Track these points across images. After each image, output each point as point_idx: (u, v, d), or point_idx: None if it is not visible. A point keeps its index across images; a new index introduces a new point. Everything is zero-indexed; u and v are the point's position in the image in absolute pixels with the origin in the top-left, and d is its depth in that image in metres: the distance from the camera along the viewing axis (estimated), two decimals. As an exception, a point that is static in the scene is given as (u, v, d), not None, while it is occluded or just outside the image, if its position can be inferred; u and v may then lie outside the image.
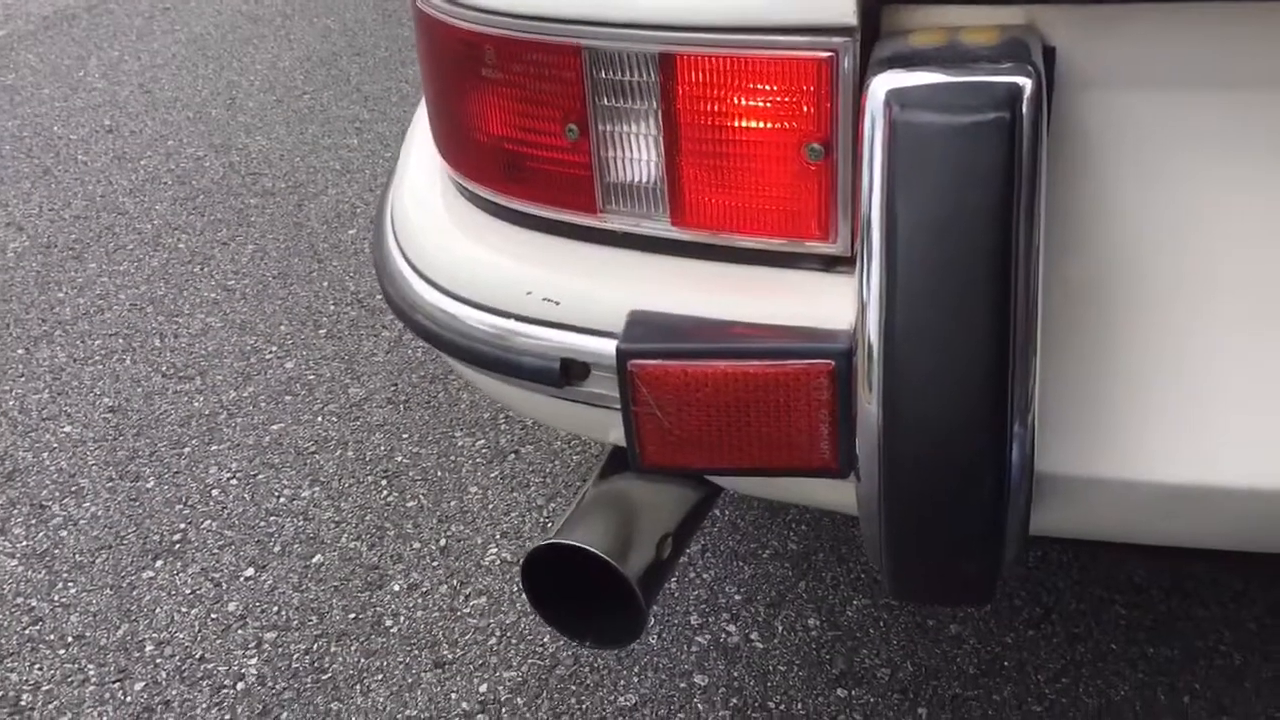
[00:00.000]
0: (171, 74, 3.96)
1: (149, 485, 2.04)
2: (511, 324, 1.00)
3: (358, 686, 1.63)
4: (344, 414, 2.20)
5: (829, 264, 0.94)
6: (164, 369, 2.36)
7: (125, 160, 3.32)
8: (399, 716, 1.58)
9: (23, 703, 1.63)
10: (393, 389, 2.26)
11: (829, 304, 0.93)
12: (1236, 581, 1.71)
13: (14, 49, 4.25)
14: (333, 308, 2.55)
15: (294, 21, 4.41)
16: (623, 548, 1.02)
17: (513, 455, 2.05)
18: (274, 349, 2.41)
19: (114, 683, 1.65)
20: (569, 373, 0.98)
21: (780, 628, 1.69)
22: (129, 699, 1.62)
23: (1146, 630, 1.65)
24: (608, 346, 0.93)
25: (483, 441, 2.09)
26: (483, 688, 1.62)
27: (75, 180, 3.21)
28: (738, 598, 1.74)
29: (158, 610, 1.77)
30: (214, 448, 2.12)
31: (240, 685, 1.64)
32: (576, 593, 1.07)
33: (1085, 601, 1.70)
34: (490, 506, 1.95)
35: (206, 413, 2.22)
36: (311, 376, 2.31)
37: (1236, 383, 0.89)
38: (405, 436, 2.12)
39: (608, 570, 1.00)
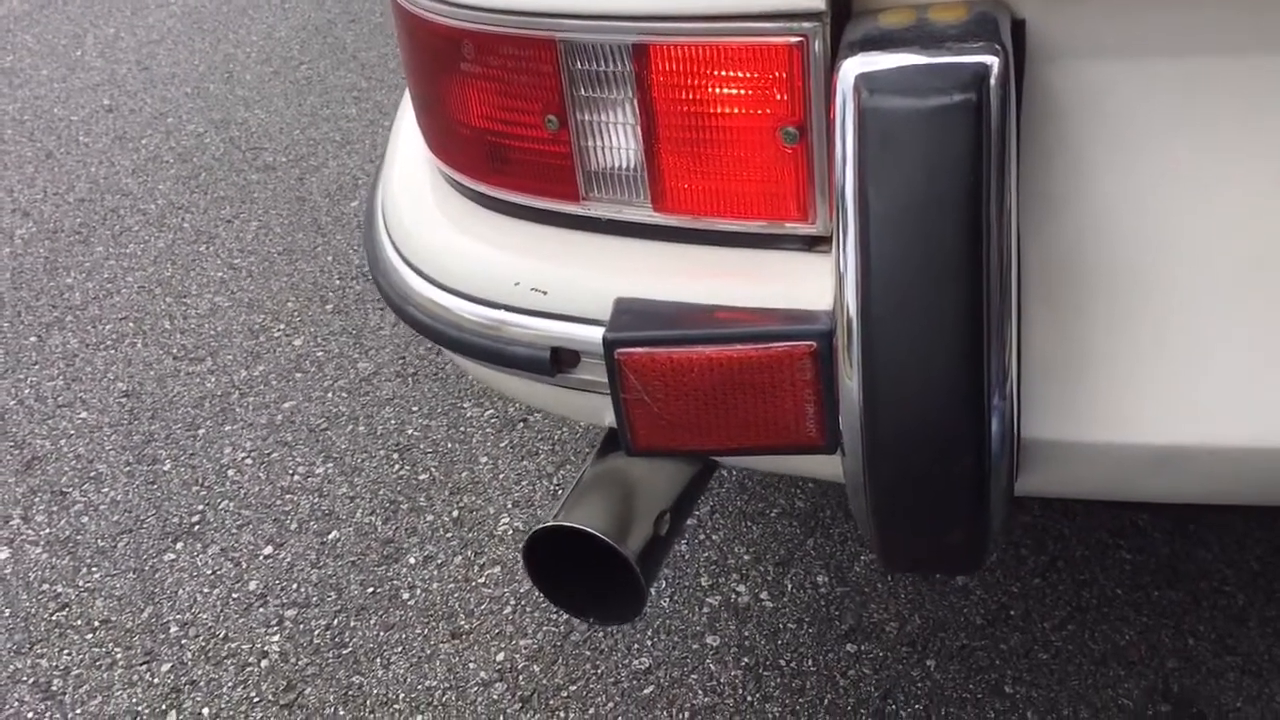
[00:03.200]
0: (168, 49, 3.96)
1: (166, 468, 2.07)
2: (502, 314, 1.02)
3: (378, 659, 1.67)
4: (354, 389, 2.22)
5: (810, 244, 0.96)
6: (175, 351, 2.39)
7: (126, 140, 3.33)
8: (419, 687, 1.62)
9: (54, 688, 1.67)
10: (400, 362, 2.28)
11: (812, 282, 0.94)
12: (1238, 522, 1.73)
13: (10, 30, 4.25)
14: (338, 282, 2.57)
15: (288, -10, 4.39)
16: (622, 526, 1.04)
17: (521, 424, 2.08)
18: (282, 326, 2.44)
19: (141, 665, 1.70)
20: (559, 361, 1.00)
21: (789, 586, 1.72)
22: (157, 680, 1.67)
23: (1151, 574, 1.67)
24: (596, 334, 0.94)
25: (491, 412, 2.12)
26: (500, 656, 1.65)
27: (78, 163, 3.23)
28: (747, 557, 1.77)
29: (180, 592, 1.81)
30: (228, 428, 2.15)
31: (264, 663, 1.68)
32: (578, 570, 1.09)
33: (1090, 548, 1.72)
34: (501, 476, 1.97)
35: (219, 393, 2.25)
36: (320, 353, 2.34)
37: (1213, 346, 0.90)
38: (414, 410, 2.15)
39: (608, 549, 1.03)
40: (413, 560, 1.83)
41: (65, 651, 1.73)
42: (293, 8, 4.20)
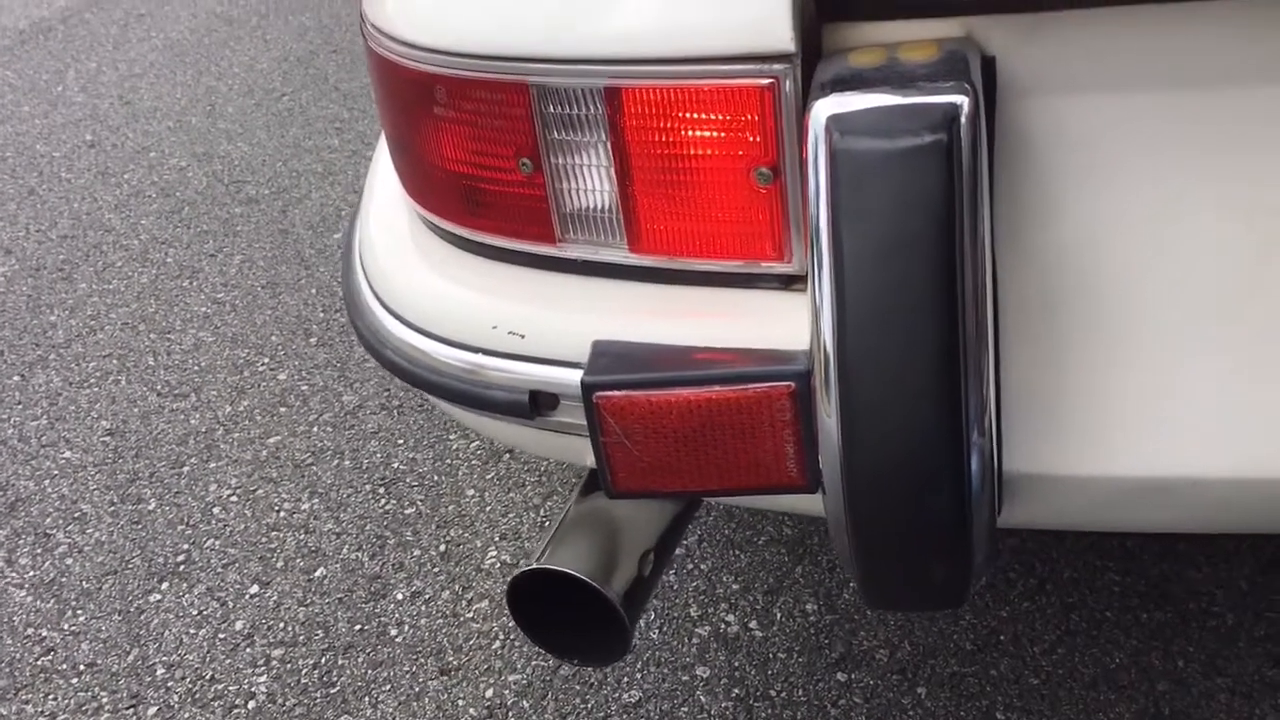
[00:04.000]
0: (150, 83, 3.96)
1: (151, 507, 2.06)
2: (480, 358, 1.02)
3: (366, 698, 1.66)
4: (339, 423, 2.22)
5: (786, 282, 0.96)
6: (159, 388, 2.38)
7: (109, 175, 3.33)
8: (408, 726, 1.61)
9: (39, 734, 1.66)
10: (385, 394, 2.27)
11: (789, 321, 0.94)
12: (1227, 541, 1.73)
13: (-8, 66, 4.25)
14: (322, 314, 2.57)
15: (270, 21, 4.39)
16: (605, 567, 1.04)
17: (507, 456, 2.07)
18: (266, 360, 2.43)
19: (127, 709, 1.68)
20: (538, 404, 1.00)
21: (779, 614, 1.71)
22: (143, 724, 1.66)
23: (1140, 595, 1.67)
24: (575, 377, 0.94)
25: (477, 444, 2.11)
26: (489, 692, 1.64)
27: (60, 199, 3.22)
28: (735, 587, 1.76)
29: (166, 633, 1.80)
30: (212, 465, 2.15)
31: (251, 704, 1.67)
32: (563, 612, 1.09)
33: (1079, 570, 1.72)
34: (488, 509, 1.97)
35: (203, 430, 2.24)
36: (305, 387, 2.33)
37: (1192, 376, 0.91)
38: (400, 442, 2.14)
39: (592, 591, 1.02)
40: (400, 596, 1.82)
41: (51, 697, 1.71)
42: (274, 39, 4.21)
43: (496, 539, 1.91)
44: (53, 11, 4.74)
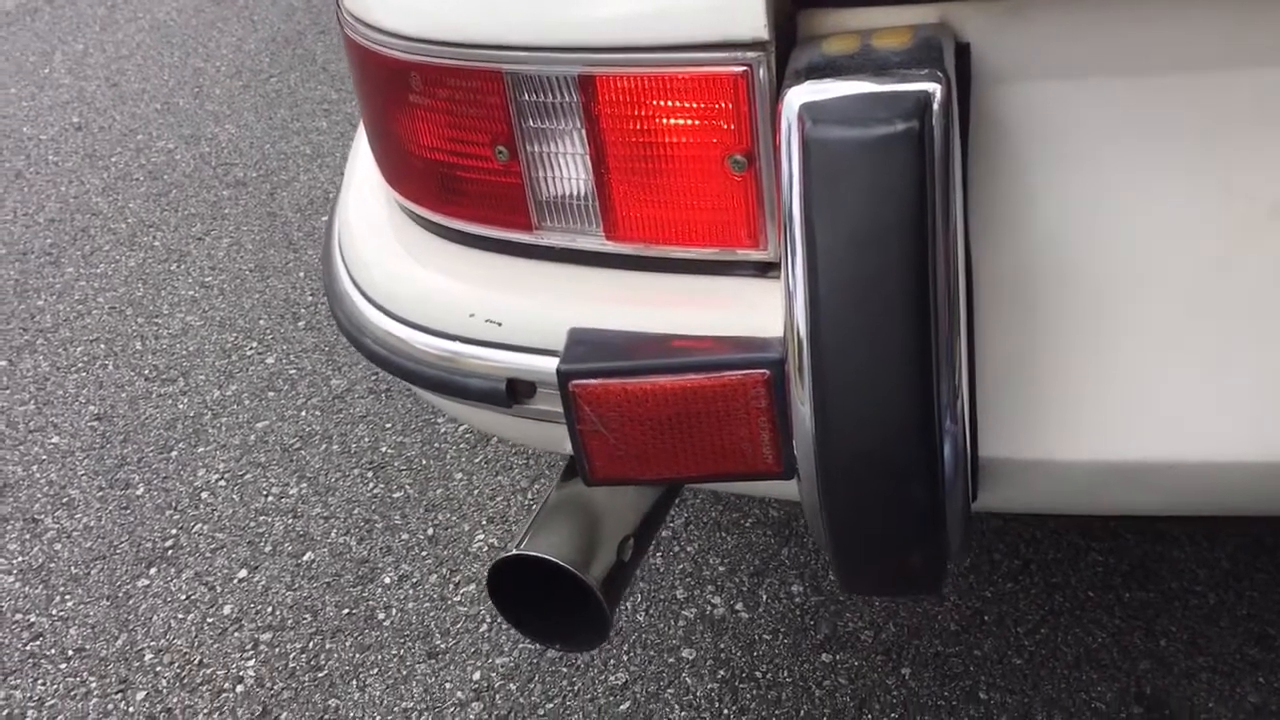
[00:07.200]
0: (137, 64, 3.94)
1: (139, 492, 2.06)
2: (457, 346, 1.02)
3: (354, 682, 1.66)
4: (327, 407, 2.22)
5: (762, 269, 0.96)
6: (147, 372, 2.38)
7: (96, 158, 3.31)
8: (396, 709, 1.62)
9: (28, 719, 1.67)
10: (374, 378, 2.27)
11: (766, 308, 0.94)
12: (1210, 520, 1.74)
13: (-22, 49, 4.23)
14: (310, 298, 2.56)
15: (257, 1, 4.37)
16: (585, 553, 1.04)
17: (495, 439, 2.07)
18: (254, 344, 2.43)
19: (116, 694, 1.69)
20: (516, 392, 1.00)
21: (764, 596, 1.72)
22: (132, 709, 1.66)
23: (1122, 575, 1.68)
24: (551, 365, 0.94)
25: (465, 427, 2.11)
26: (476, 675, 1.65)
27: (47, 182, 3.21)
28: (721, 569, 1.77)
29: (154, 618, 1.80)
30: (200, 449, 2.15)
31: (239, 688, 1.67)
32: (544, 598, 1.09)
33: (1062, 550, 1.73)
34: (476, 492, 1.97)
35: (191, 414, 2.24)
36: (293, 370, 2.33)
37: (1166, 361, 0.91)
38: (388, 426, 2.14)
39: (571, 578, 1.03)
40: (388, 580, 1.83)
41: (39, 682, 1.72)
42: (262, 19, 4.18)
43: (484, 522, 1.91)
44: (39, -8, 4.71)
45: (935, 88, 0.80)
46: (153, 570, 1.90)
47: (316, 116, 3.40)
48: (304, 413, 2.21)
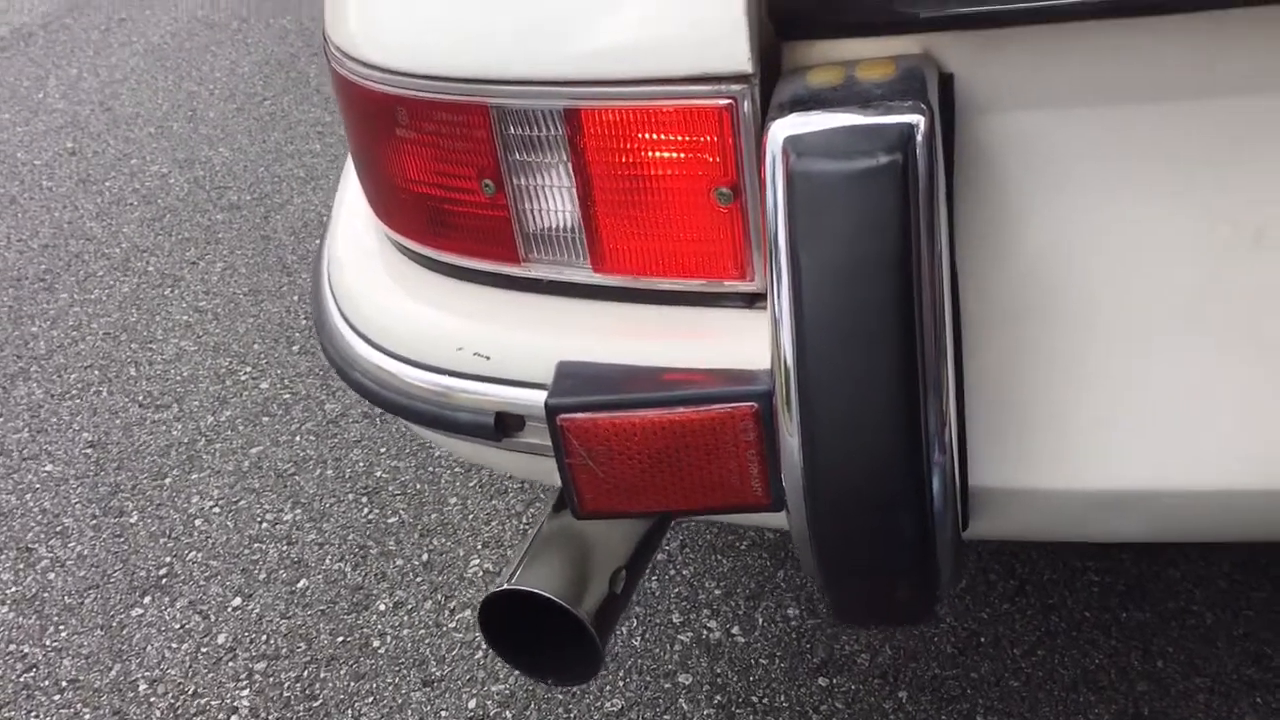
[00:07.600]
0: (131, 88, 3.94)
1: (133, 520, 2.06)
2: (446, 380, 1.02)
3: (349, 711, 1.66)
4: (321, 432, 2.21)
5: (750, 301, 0.96)
6: (141, 399, 2.38)
7: (90, 183, 3.32)
8: (391, 738, 1.61)
9: (22, 752, 1.66)
10: (367, 403, 2.26)
11: (754, 339, 0.94)
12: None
13: (-28, 74, 4.24)
14: (304, 321, 2.56)
15: (250, 24, 4.38)
16: (577, 586, 1.04)
17: (489, 463, 2.07)
18: (248, 369, 2.43)
19: (110, 725, 1.68)
20: (504, 425, 1.00)
21: (760, 620, 1.71)
22: (126, 741, 1.65)
23: (1119, 595, 1.67)
24: (540, 398, 0.94)
25: (459, 451, 2.11)
26: (471, 703, 1.64)
27: (41, 208, 3.21)
28: (717, 592, 1.76)
29: (148, 648, 1.80)
30: (194, 476, 2.14)
31: (234, 719, 1.67)
32: (535, 630, 1.09)
33: (1058, 571, 1.72)
34: (470, 517, 1.97)
35: (185, 441, 2.24)
36: (287, 395, 2.33)
37: (1154, 391, 0.91)
38: (382, 451, 2.14)
39: (562, 611, 1.02)
40: (382, 607, 1.82)
41: (33, 714, 1.71)
42: (255, 43, 4.19)
43: (479, 547, 1.91)
44: (33, 17, 4.72)
45: (919, 119, 0.80)
46: (147, 599, 1.89)
47: (310, 139, 3.41)
48: (298, 438, 2.21)
